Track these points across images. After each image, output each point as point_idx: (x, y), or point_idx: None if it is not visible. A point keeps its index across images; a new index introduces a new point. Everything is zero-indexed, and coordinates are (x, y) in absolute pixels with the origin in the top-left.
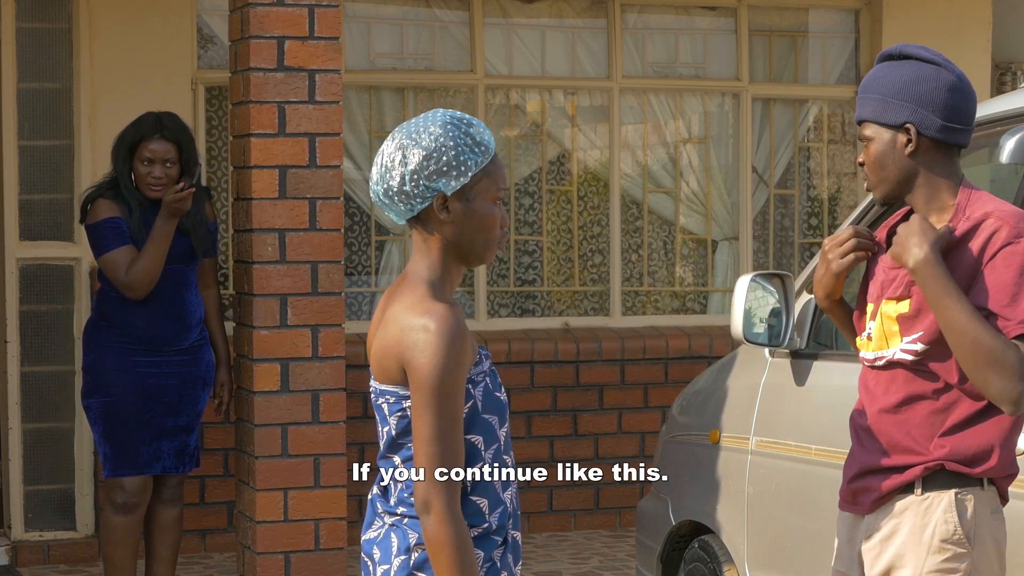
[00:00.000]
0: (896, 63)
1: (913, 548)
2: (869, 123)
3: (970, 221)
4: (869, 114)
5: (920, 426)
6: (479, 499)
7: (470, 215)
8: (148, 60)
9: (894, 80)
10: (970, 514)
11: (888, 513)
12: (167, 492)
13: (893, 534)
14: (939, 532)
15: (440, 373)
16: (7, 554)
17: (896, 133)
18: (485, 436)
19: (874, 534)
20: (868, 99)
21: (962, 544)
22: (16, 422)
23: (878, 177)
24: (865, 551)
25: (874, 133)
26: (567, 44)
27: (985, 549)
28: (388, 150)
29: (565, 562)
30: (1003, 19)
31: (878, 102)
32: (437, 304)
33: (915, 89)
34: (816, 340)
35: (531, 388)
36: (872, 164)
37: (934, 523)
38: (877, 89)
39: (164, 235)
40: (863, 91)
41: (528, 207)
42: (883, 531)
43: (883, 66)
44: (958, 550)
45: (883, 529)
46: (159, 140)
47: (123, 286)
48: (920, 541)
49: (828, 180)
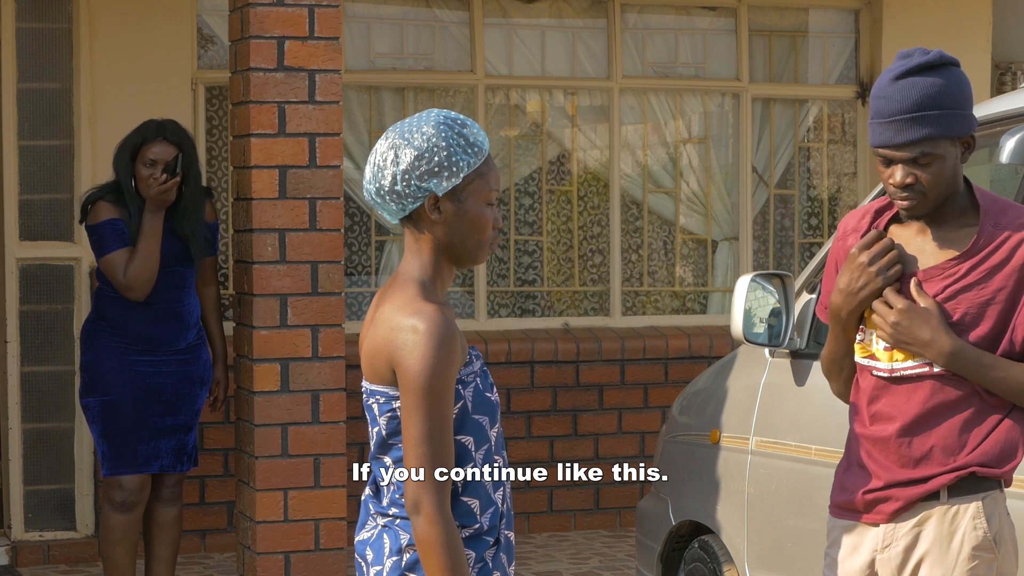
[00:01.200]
0: (932, 73)
1: (940, 557)
2: (935, 140)
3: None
4: (935, 131)
5: (949, 436)
6: (470, 500)
7: (462, 216)
8: (148, 60)
9: (947, 91)
10: (995, 519)
11: (910, 522)
12: (166, 491)
13: (916, 544)
14: (969, 540)
15: (429, 374)
16: (7, 554)
17: (956, 144)
18: (475, 437)
19: (893, 543)
20: (926, 117)
21: (990, 549)
22: (16, 422)
23: (935, 194)
24: (883, 560)
25: (941, 151)
26: (567, 44)
27: (1007, 549)
28: (381, 149)
29: (565, 562)
30: (1003, 19)
31: (944, 115)
32: (427, 305)
33: (963, 95)
34: (816, 340)
35: (531, 388)
36: (938, 182)
37: (962, 531)
38: (934, 103)
39: (152, 230)
40: (916, 108)
41: (528, 207)
42: (906, 540)
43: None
44: (986, 555)
45: (905, 538)
46: (162, 143)
47: (123, 287)
48: (948, 550)
49: (828, 180)
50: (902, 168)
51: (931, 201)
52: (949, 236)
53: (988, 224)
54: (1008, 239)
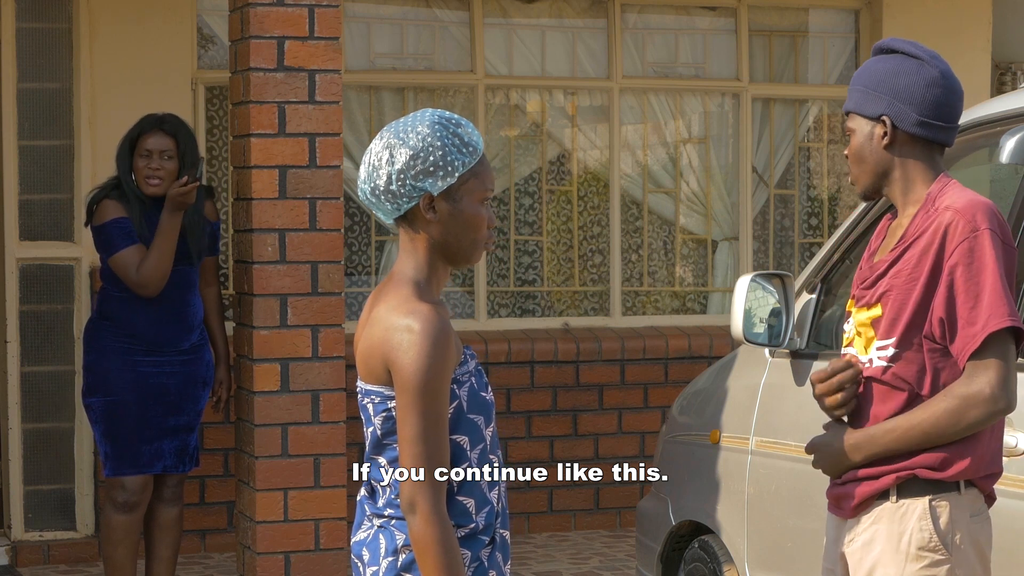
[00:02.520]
0: (882, 56)
1: (891, 555)
2: (852, 114)
3: (932, 215)
4: (851, 105)
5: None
6: (465, 499)
7: (457, 215)
8: (148, 60)
9: (876, 72)
10: (945, 520)
11: (867, 519)
12: (167, 491)
13: (872, 541)
14: (915, 540)
15: (424, 374)
16: (7, 554)
17: (874, 125)
18: (471, 436)
19: (855, 539)
20: (852, 91)
21: (939, 551)
22: (16, 422)
23: (858, 169)
24: (848, 554)
25: (855, 124)
26: (567, 44)
27: (965, 555)
28: (376, 149)
29: (565, 562)
30: (1003, 19)
31: (860, 93)
32: (422, 304)
33: (894, 82)
34: (816, 340)
35: (531, 388)
36: (852, 155)
37: (910, 531)
38: (860, 81)
39: (171, 229)
40: (851, 83)
41: (528, 207)
42: (863, 537)
43: (871, 60)
44: (936, 556)
45: (863, 535)
46: (158, 134)
47: (135, 285)
48: (898, 549)
49: (828, 180)
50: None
51: (857, 176)
52: (900, 223)
53: (924, 210)
54: (933, 222)
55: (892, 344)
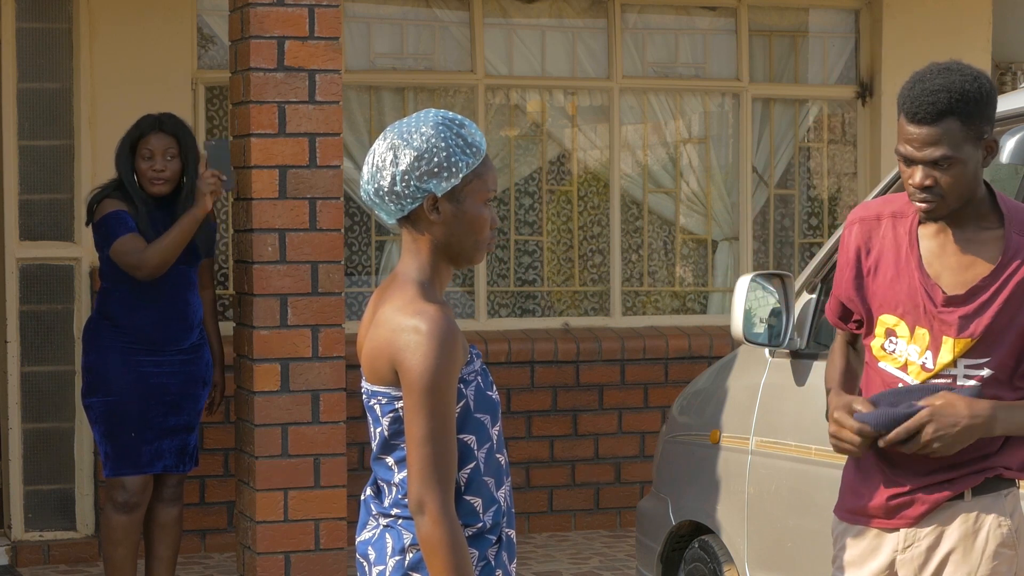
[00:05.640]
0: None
1: (965, 555)
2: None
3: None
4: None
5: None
6: (473, 498)
7: (460, 216)
8: (148, 60)
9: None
10: (1017, 516)
11: (932, 522)
12: (167, 491)
13: (940, 542)
14: (994, 537)
15: (432, 374)
16: (7, 554)
17: (979, 148)
18: (478, 435)
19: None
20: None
21: (1012, 546)
22: (16, 422)
23: (959, 200)
24: (904, 561)
25: (965, 154)
26: (567, 44)
27: None
28: (379, 150)
29: (565, 562)
30: (1003, 19)
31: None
32: (428, 305)
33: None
34: (816, 340)
35: (531, 388)
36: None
37: (987, 529)
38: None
39: (193, 221)
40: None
41: (528, 207)
42: (926, 541)
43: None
44: (1008, 552)
45: (928, 538)
46: (159, 135)
47: (134, 266)
48: (973, 547)
49: (828, 180)
50: (922, 170)
51: (952, 204)
52: (970, 239)
53: (1013, 233)
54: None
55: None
